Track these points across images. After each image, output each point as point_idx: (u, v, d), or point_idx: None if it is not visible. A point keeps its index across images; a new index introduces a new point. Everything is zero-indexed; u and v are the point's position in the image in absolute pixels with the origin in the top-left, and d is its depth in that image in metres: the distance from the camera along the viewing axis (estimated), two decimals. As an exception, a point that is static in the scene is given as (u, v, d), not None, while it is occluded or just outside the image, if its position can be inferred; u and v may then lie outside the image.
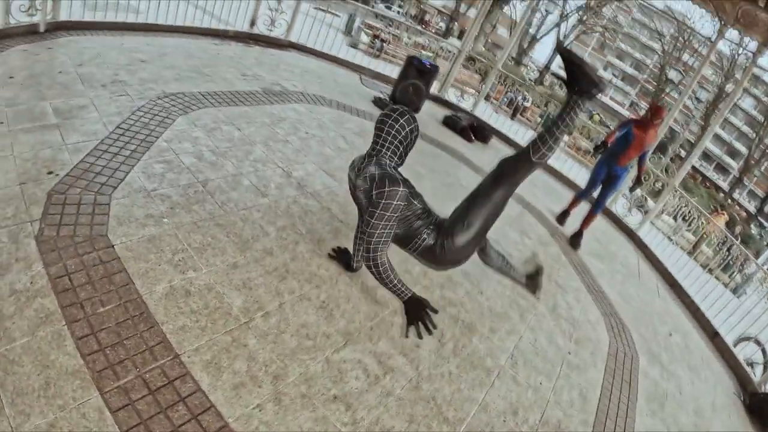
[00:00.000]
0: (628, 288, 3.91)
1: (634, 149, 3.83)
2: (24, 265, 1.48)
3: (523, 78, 15.31)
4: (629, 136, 3.83)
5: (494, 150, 5.76)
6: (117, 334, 1.44)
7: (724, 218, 11.87)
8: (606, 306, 3.32)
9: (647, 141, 3.80)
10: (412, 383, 1.80)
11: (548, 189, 5.43)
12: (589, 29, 25.07)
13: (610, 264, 4.23)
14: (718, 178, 32.97)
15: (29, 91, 2.31)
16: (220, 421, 1.34)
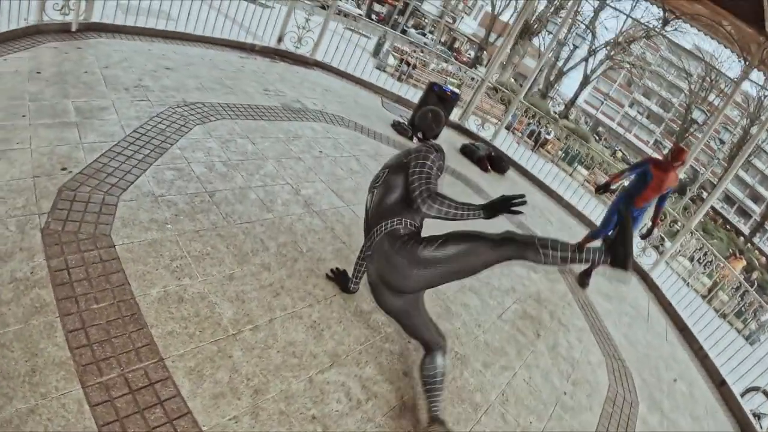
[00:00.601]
0: (635, 330, 3.84)
1: (652, 190, 3.80)
2: (27, 255, 1.60)
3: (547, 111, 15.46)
4: (647, 176, 3.81)
5: (510, 181, 5.82)
6: (106, 332, 1.52)
7: (741, 263, 11.56)
8: (609, 348, 3.28)
9: (666, 183, 3.78)
10: (394, 411, 1.82)
11: (563, 224, 5.44)
12: (616, 65, 25.48)
13: (619, 305, 4.19)
14: (739, 222, 32.43)
15: (54, 87, 2.53)
16: (195, 428, 1.39)
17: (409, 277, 1.70)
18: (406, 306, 1.84)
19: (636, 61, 25.87)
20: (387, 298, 1.84)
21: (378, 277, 1.82)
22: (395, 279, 1.74)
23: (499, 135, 6.43)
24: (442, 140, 5.69)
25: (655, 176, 3.76)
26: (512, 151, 6.64)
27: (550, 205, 5.91)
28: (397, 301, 1.82)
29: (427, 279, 1.72)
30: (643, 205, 3.88)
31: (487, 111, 7.05)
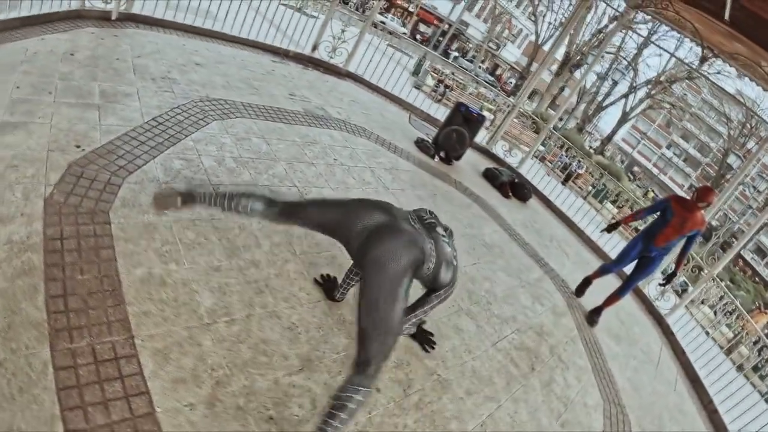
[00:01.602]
0: (642, 376, 3.66)
1: (673, 229, 3.67)
2: (26, 220, 1.76)
3: (581, 145, 15.27)
4: (667, 213, 3.69)
5: (532, 211, 5.76)
6: (85, 302, 1.64)
7: (766, 318, 10.80)
8: (610, 391, 3.14)
9: (689, 224, 3.65)
10: (358, 427, 1.82)
11: (580, 259, 5.32)
12: (656, 104, 25.05)
13: (628, 348, 4.02)
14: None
15: (84, 70, 2.78)
16: (148, 407, 1.46)
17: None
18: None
19: (677, 102, 25.39)
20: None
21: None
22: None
23: (526, 162, 6.41)
24: (465, 162, 5.73)
25: (676, 214, 3.64)
26: (538, 179, 6.59)
27: (570, 238, 5.81)
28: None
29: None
30: (664, 244, 3.75)
31: (516, 137, 7.05)
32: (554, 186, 6.64)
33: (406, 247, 1.60)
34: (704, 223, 3.64)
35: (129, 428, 1.40)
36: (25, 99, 2.26)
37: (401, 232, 1.65)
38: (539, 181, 6.39)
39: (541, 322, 3.49)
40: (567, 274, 4.59)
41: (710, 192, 3.62)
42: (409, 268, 1.59)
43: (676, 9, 4.29)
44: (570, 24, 6.25)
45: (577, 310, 3.97)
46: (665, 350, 4.43)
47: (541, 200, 6.26)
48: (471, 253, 3.77)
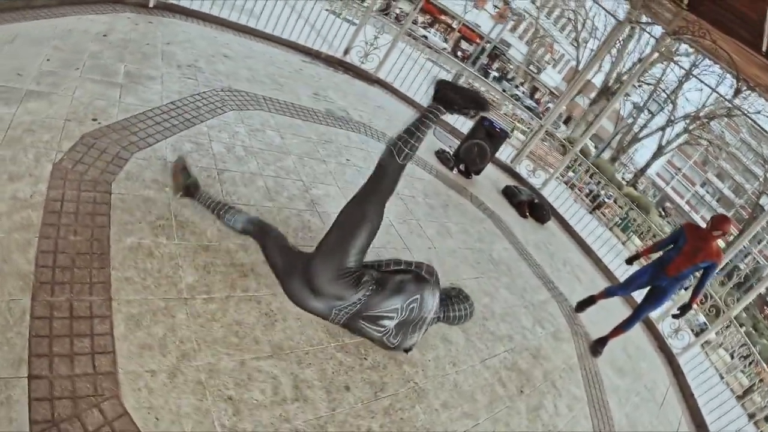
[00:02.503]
0: (642, 413, 3.48)
1: (685, 258, 3.53)
2: (33, 180, 1.90)
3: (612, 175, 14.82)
4: (681, 240, 3.57)
5: (548, 233, 5.62)
6: (72, 261, 1.75)
7: None
8: (605, 425, 3.01)
9: (702, 253, 3.50)
10: (319, 421, 1.83)
11: (593, 286, 5.14)
12: (693, 140, 24.05)
13: (632, 382, 3.83)
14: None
15: (113, 51, 2.99)
16: (111, 367, 1.54)
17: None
18: None
19: (714, 139, 24.30)
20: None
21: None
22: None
23: (549, 184, 6.28)
24: (485, 177, 5.68)
25: (689, 241, 3.52)
26: (560, 203, 6.43)
27: (586, 265, 5.63)
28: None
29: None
30: (675, 274, 3.59)
31: (542, 157, 6.94)
32: (576, 210, 6.46)
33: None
34: (720, 255, 3.49)
35: (89, 383, 1.48)
36: (53, 71, 2.46)
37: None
38: (561, 205, 6.25)
39: (539, 345, 3.39)
40: (576, 300, 4.44)
41: (726, 220, 3.48)
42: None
43: (713, 38, 4.16)
44: (605, 47, 6.11)
45: (581, 338, 3.82)
46: (672, 390, 4.20)
47: (561, 224, 6.10)
48: (475, 267, 3.73)
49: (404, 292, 1.87)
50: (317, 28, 5.74)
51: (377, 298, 1.83)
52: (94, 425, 1.40)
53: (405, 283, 1.90)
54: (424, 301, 1.92)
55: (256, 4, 5.24)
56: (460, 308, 2.09)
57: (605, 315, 4.25)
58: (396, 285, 1.87)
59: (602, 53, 6.21)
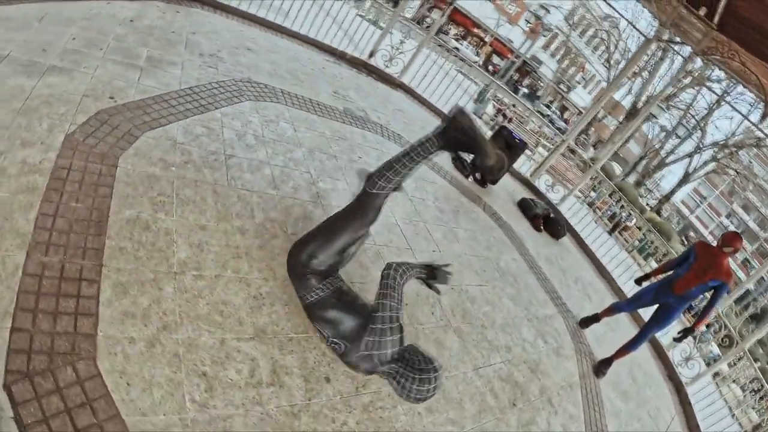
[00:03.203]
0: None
1: (693, 275, 3.42)
2: (44, 148, 1.99)
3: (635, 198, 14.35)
4: (690, 257, 3.49)
5: (562, 249, 5.45)
6: (70, 226, 1.82)
7: None
8: None
9: (711, 271, 3.38)
10: (292, 409, 1.82)
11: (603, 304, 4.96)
12: (721, 169, 23.08)
13: (635, 408, 3.66)
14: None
15: (138, 36, 3.12)
16: (92, 329, 1.58)
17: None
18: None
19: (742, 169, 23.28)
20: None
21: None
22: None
23: (568, 200, 6.12)
24: (502, 188, 5.59)
25: (698, 257, 3.43)
26: (577, 220, 6.26)
27: (598, 284, 5.45)
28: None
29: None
30: (682, 292, 3.48)
31: (561, 173, 6.80)
32: (594, 228, 6.28)
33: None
34: (730, 275, 3.37)
35: (68, 342, 1.52)
36: (77, 50, 2.59)
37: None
38: (578, 222, 6.08)
39: (539, 359, 3.28)
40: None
41: (737, 237, 3.38)
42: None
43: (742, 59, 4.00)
44: (631, 64, 5.97)
45: (585, 357, 3.68)
46: (677, 420, 3.98)
47: (576, 241, 5.94)
48: (480, 275, 3.66)
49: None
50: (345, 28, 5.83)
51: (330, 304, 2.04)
52: (66, 382, 1.43)
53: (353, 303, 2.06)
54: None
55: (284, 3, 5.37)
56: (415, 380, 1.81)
57: (612, 336, 4.09)
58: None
59: (629, 70, 6.08)
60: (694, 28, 4.66)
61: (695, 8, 4.48)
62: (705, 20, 4.51)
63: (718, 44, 4.41)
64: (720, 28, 4.45)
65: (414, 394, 1.78)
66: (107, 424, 1.41)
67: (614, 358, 3.70)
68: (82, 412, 1.40)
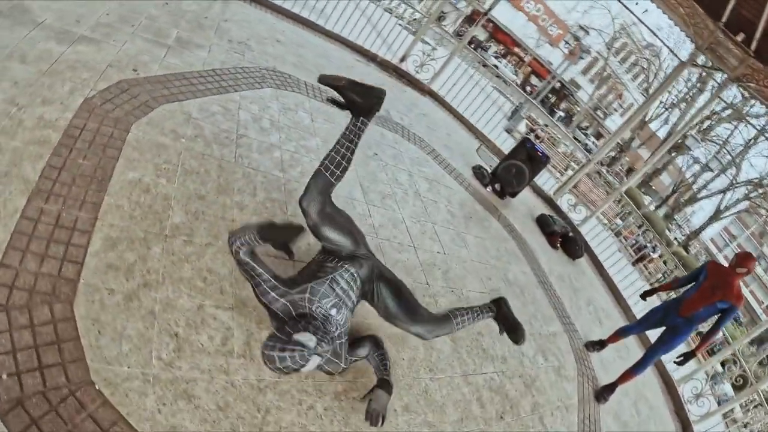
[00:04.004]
0: None
1: (701, 295, 3.23)
2: (62, 107, 2.11)
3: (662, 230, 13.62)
4: (701, 276, 3.32)
5: (577, 269, 5.23)
6: (73, 179, 1.91)
7: None
8: None
9: (720, 292, 3.17)
10: (259, 384, 1.80)
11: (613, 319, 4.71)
12: (753, 209, 21.61)
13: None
14: None
15: (170, 17, 3.28)
16: (75, 276, 1.64)
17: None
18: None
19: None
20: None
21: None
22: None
23: (590, 222, 5.89)
24: (521, 202, 5.44)
25: (709, 277, 3.25)
26: (597, 242, 5.99)
27: (612, 311, 5.19)
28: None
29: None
30: (689, 314, 3.29)
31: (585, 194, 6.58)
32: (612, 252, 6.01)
33: None
34: (740, 298, 3.16)
35: (49, 283, 1.58)
36: (109, 24, 2.74)
37: None
38: (598, 245, 5.83)
39: (536, 375, 3.13)
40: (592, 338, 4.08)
41: (750, 258, 3.19)
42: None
43: (777, 88, 3.75)
44: (664, 85, 5.73)
45: (588, 381, 3.48)
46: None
47: (594, 264, 5.68)
48: (484, 282, 3.55)
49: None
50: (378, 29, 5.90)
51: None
52: (40, 320, 1.49)
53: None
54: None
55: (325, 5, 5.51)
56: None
57: (621, 364, 3.85)
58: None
59: (661, 91, 5.85)
60: (730, 54, 4.45)
61: (733, 33, 4.28)
62: (742, 46, 4.31)
63: (754, 71, 4.23)
64: (757, 55, 4.25)
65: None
66: (71, 365, 1.45)
67: (618, 383, 3.51)
68: (50, 350, 1.45)
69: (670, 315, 3.43)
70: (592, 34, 21.42)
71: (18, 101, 1.99)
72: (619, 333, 3.89)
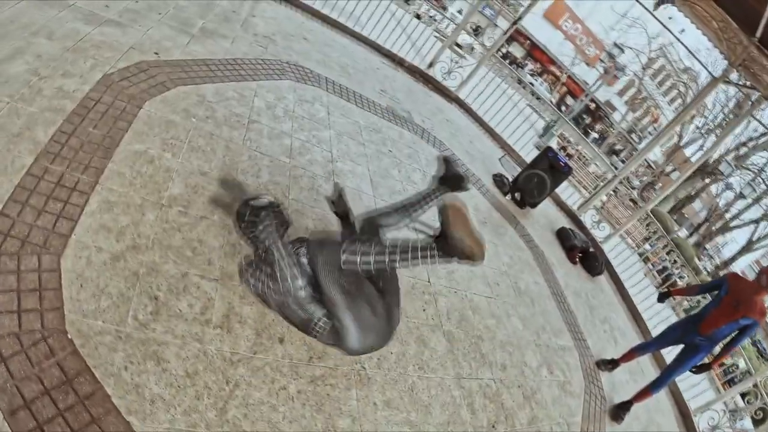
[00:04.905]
0: None
1: (722, 312, 2.98)
2: (81, 81, 2.23)
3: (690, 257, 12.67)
4: (722, 291, 3.05)
5: (595, 287, 4.94)
6: (81, 145, 2.00)
7: None
8: None
9: (743, 308, 2.92)
10: (232, 357, 1.78)
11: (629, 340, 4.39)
12: None
13: None
14: None
15: (198, 8, 3.43)
16: (68, 232, 1.71)
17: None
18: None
19: None
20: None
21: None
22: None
23: (613, 239, 5.59)
24: (542, 214, 5.24)
25: (731, 292, 2.99)
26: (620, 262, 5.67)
27: (629, 332, 4.85)
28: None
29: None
30: (710, 332, 3.05)
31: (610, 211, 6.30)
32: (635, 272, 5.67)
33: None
34: (764, 314, 2.91)
35: (42, 236, 1.65)
36: (137, 11, 2.90)
37: None
38: (620, 264, 5.51)
39: (538, 387, 2.96)
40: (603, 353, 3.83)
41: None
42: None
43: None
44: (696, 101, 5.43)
45: (596, 400, 3.24)
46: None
47: (614, 283, 5.38)
48: (491, 287, 3.42)
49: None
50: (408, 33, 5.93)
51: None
52: (27, 268, 1.55)
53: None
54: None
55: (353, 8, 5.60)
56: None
57: (634, 386, 3.59)
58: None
59: (693, 107, 5.56)
60: (764, 71, 4.15)
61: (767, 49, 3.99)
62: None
63: (789, 90, 3.90)
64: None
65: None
66: (48, 313, 1.50)
67: (634, 401, 3.33)
68: (31, 296, 1.51)
69: (689, 333, 3.19)
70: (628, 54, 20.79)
71: (40, 72, 2.13)
72: (634, 351, 3.65)
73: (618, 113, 25.59)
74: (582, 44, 25.20)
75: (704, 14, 4.28)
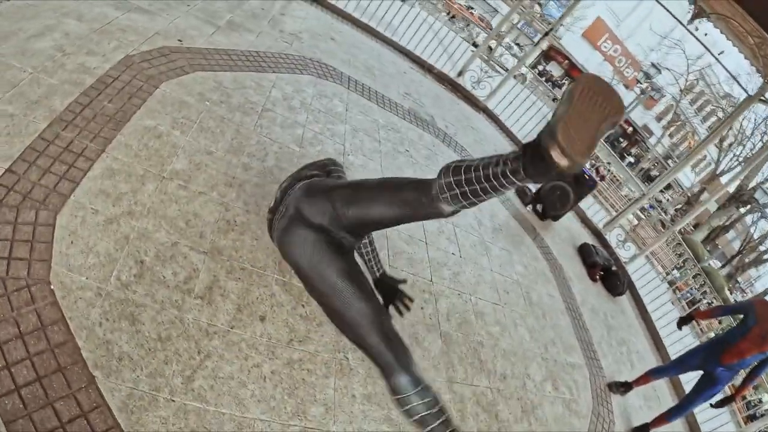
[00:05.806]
0: None
1: (751, 343, 2.73)
2: (103, 59, 2.37)
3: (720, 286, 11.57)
4: (749, 320, 2.77)
5: (616, 307, 4.64)
6: (93, 116, 2.10)
7: None
8: None
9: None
10: (209, 328, 1.75)
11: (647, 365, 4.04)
12: None
13: None
14: None
15: (228, 3, 3.58)
16: (68, 192, 1.80)
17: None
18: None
19: None
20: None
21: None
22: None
23: (638, 260, 5.23)
24: (564, 228, 5.00)
25: (759, 321, 2.73)
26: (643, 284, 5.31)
27: (648, 356, 4.51)
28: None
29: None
30: (735, 361, 2.82)
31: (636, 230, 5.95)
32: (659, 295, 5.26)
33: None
34: None
35: (43, 193, 1.74)
36: (167, 1, 3.06)
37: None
38: (643, 286, 5.15)
39: (539, 403, 2.78)
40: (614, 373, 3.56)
41: None
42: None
43: None
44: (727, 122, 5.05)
45: (603, 423, 2.99)
46: None
47: (636, 305, 5.02)
48: (500, 294, 3.28)
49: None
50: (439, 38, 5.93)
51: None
52: (24, 221, 1.63)
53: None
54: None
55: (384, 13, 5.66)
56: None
57: (648, 413, 3.30)
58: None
59: (727, 124, 5.18)
60: None
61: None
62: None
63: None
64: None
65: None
66: (36, 264, 1.57)
67: (651, 426, 3.14)
68: (23, 246, 1.58)
69: (711, 361, 2.95)
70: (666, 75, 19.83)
71: (65, 49, 2.27)
72: (650, 374, 3.39)
73: (654, 137, 24.49)
74: (621, 66, 24.36)
75: (740, 29, 4.00)
